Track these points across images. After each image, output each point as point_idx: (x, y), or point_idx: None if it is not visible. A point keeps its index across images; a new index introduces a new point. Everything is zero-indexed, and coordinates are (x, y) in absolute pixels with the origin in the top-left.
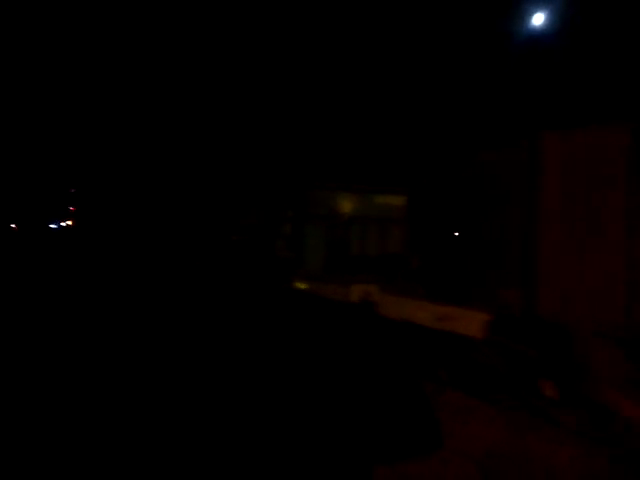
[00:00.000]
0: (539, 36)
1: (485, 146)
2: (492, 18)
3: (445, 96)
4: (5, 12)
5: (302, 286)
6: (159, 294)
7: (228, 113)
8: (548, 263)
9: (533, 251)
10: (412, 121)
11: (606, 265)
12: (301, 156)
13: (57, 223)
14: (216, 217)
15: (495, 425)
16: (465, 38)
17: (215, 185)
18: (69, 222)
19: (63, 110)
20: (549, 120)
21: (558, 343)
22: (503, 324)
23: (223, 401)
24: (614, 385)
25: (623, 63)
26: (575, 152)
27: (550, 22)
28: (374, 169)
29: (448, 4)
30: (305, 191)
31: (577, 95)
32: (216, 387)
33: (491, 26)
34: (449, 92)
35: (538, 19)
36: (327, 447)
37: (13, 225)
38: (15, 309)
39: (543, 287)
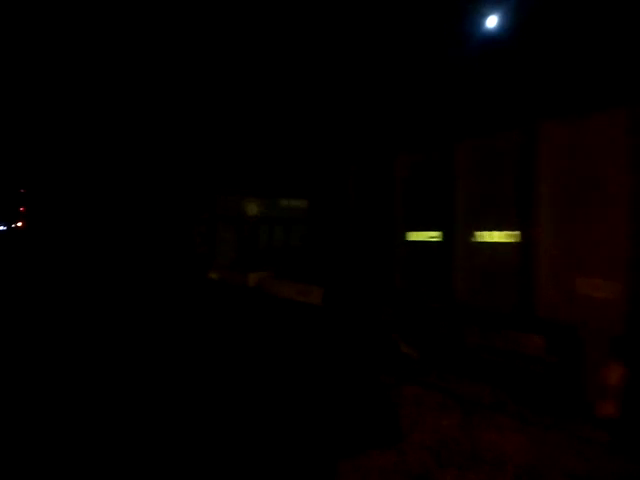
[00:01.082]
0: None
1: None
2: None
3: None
4: None
5: (214, 275)
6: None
7: (161, 125)
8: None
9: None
10: (307, 136)
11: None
12: (214, 167)
13: (6, 225)
14: (146, 218)
15: (451, 416)
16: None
17: (148, 189)
18: (19, 224)
19: (14, 108)
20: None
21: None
22: (340, 296)
23: (142, 388)
24: None
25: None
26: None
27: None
28: (276, 178)
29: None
30: (217, 196)
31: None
32: (139, 373)
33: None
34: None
35: (491, 21)
36: (288, 441)
37: None
38: None
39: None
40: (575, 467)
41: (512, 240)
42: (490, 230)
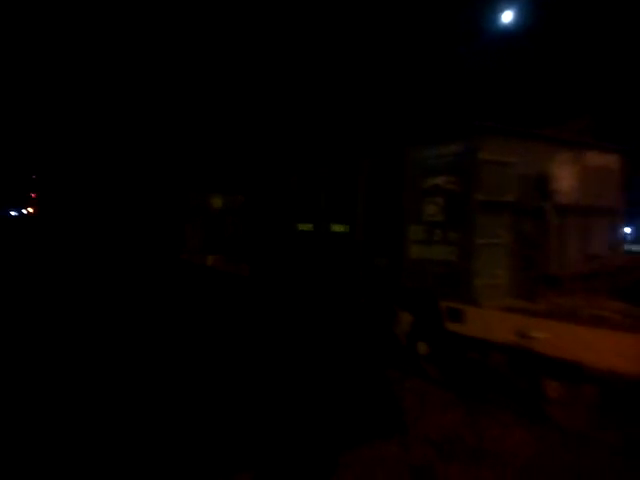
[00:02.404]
0: None
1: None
2: None
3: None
4: None
5: (184, 257)
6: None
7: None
8: None
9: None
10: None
11: None
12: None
13: (18, 210)
14: (135, 208)
15: (454, 411)
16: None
17: (139, 184)
18: (30, 209)
19: (25, 97)
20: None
21: None
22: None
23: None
24: None
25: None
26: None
27: None
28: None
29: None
30: (188, 194)
31: None
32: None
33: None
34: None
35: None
36: (292, 433)
37: None
38: None
39: None
40: (577, 463)
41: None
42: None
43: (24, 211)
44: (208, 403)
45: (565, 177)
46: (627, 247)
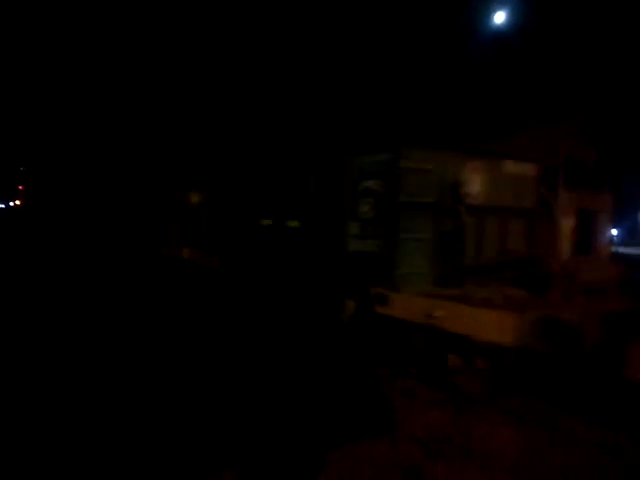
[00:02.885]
0: None
1: None
2: None
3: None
4: None
5: (164, 251)
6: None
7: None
8: None
9: None
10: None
11: None
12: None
13: (4, 202)
14: (123, 204)
15: (443, 410)
16: None
17: (127, 181)
18: (17, 202)
19: (14, 89)
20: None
21: None
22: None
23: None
24: None
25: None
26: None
27: None
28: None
29: None
30: (172, 191)
31: None
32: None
33: None
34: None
35: None
36: (279, 430)
37: None
38: None
39: None
40: (564, 462)
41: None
42: None
43: (11, 203)
44: (192, 398)
45: (477, 182)
46: (615, 249)
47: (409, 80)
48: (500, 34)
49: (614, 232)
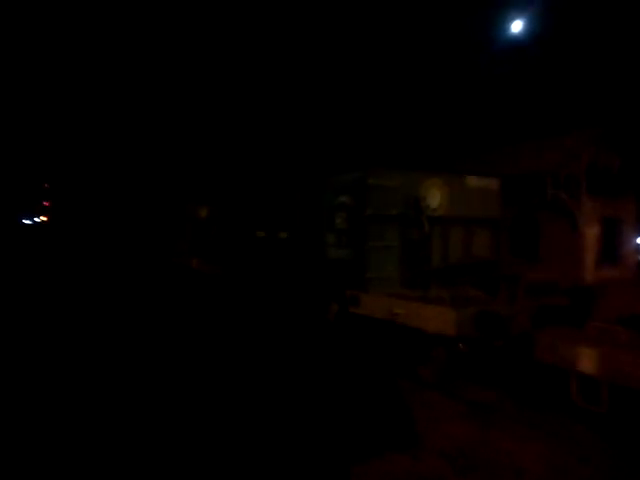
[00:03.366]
0: None
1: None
2: None
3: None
4: None
5: (175, 260)
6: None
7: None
8: None
9: None
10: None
11: None
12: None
13: (31, 219)
14: (138, 217)
15: (466, 423)
16: None
17: (141, 196)
18: (44, 218)
19: (36, 106)
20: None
21: None
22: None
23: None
24: None
25: None
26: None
27: None
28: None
29: None
30: (183, 206)
31: None
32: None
33: None
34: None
35: None
36: (304, 445)
37: None
38: None
39: None
40: (590, 476)
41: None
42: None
43: (37, 219)
44: (209, 410)
45: (438, 196)
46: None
47: (378, 114)
48: (517, 43)
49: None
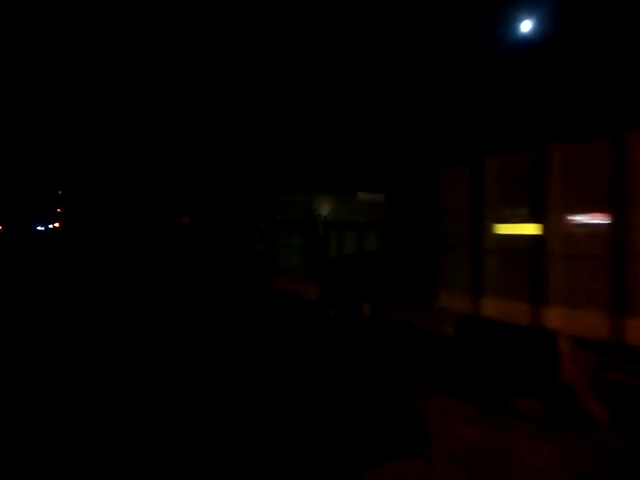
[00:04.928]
0: None
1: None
2: None
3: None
4: None
5: (177, 265)
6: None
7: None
8: None
9: None
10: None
11: None
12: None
13: (44, 225)
14: (141, 225)
15: (477, 425)
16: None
17: (144, 205)
18: (56, 224)
19: (49, 112)
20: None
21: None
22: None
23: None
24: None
25: None
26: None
27: None
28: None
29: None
30: (179, 213)
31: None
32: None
33: None
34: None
35: None
36: (316, 448)
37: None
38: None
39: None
40: None
41: None
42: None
43: (50, 226)
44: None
45: (327, 208)
46: None
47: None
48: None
49: None
